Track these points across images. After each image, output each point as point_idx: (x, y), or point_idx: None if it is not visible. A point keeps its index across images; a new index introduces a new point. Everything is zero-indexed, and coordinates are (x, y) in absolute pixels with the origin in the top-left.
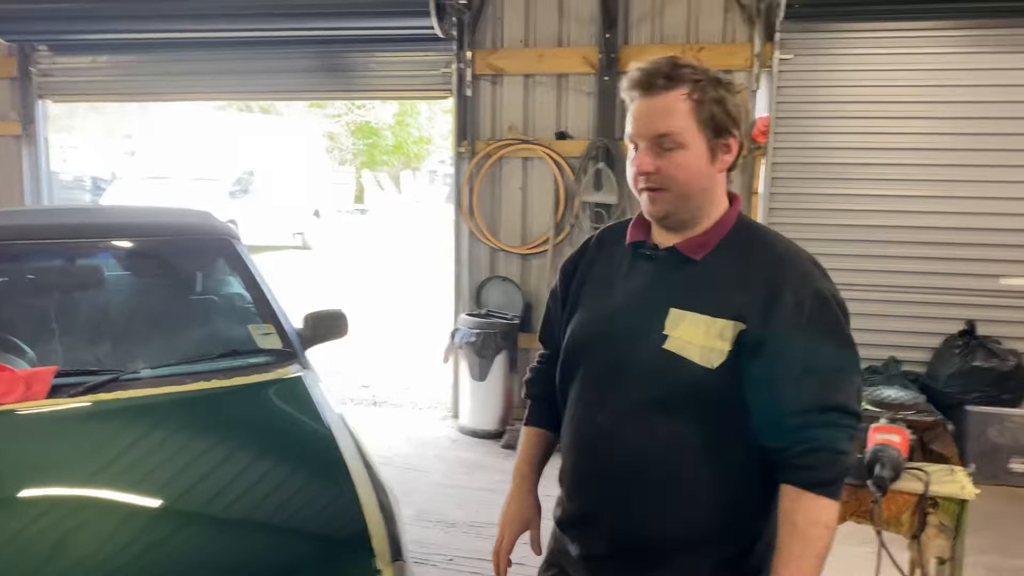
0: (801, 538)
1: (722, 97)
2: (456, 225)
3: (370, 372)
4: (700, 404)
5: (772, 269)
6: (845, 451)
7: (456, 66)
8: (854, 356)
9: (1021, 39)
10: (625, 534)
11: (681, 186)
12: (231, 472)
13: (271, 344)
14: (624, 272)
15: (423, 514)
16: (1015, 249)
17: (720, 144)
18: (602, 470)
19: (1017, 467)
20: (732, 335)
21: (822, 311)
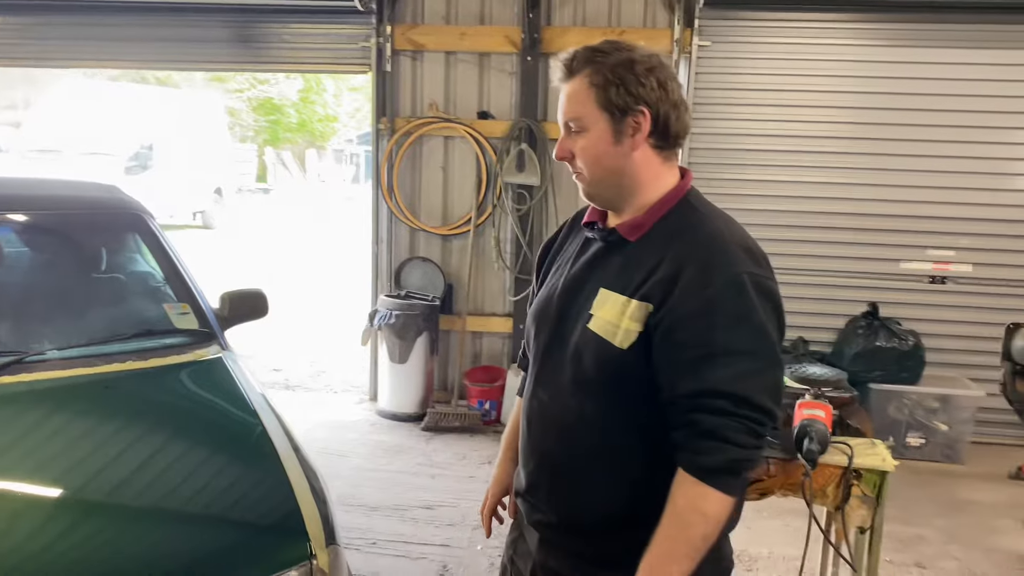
0: (677, 521)
1: (622, 77)
2: (375, 204)
3: (281, 355)
4: (618, 384)
5: (688, 250)
6: (737, 443)
7: (375, 40)
8: (767, 348)
9: (928, 34)
10: (560, 506)
11: (589, 169)
12: (153, 458)
13: (188, 324)
14: (576, 252)
15: (344, 498)
16: (915, 235)
17: (626, 124)
18: (540, 444)
19: (914, 441)
20: (642, 316)
21: (732, 296)
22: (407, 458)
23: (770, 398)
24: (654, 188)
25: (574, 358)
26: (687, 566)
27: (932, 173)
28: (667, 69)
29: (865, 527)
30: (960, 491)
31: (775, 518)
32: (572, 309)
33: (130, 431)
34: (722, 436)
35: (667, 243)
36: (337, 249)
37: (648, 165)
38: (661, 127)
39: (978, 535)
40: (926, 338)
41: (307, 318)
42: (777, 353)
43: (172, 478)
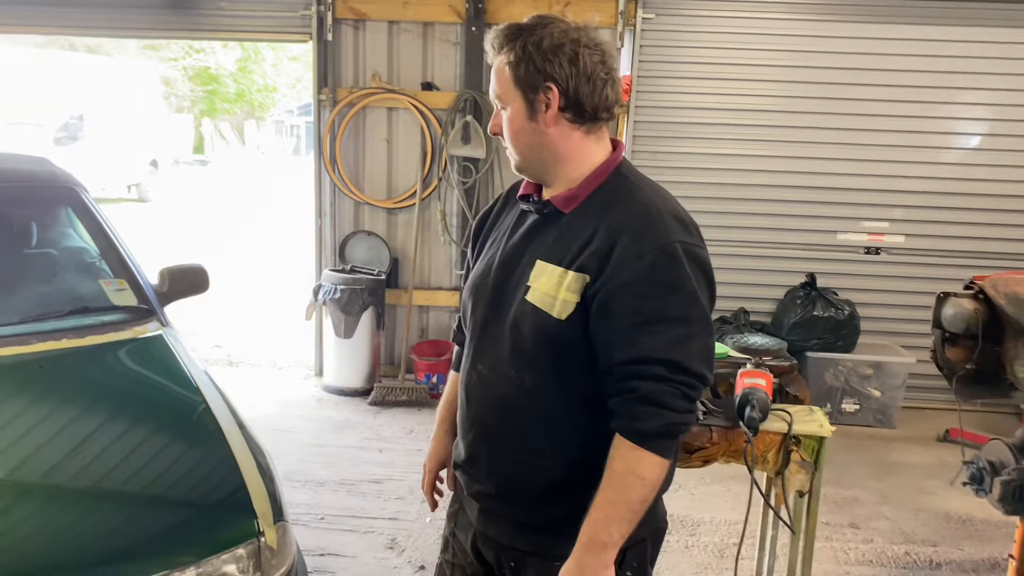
0: (616, 484)
1: (531, 55)
2: (317, 176)
3: (224, 331)
4: (557, 355)
5: (621, 220)
6: (672, 407)
7: (316, 8)
8: (699, 314)
9: (865, 10)
10: (499, 476)
11: (512, 144)
12: (92, 439)
13: (125, 301)
14: (512, 225)
15: (291, 475)
16: (851, 207)
17: (537, 100)
18: (480, 416)
19: (849, 407)
20: (579, 287)
21: (667, 264)
22: (354, 433)
23: (703, 363)
24: (581, 161)
25: (513, 330)
26: (626, 528)
27: (868, 147)
28: (581, 44)
29: (804, 491)
30: (892, 454)
31: (717, 483)
32: (510, 281)
33: (67, 411)
34: (658, 401)
35: (600, 214)
36: (279, 222)
37: (567, 139)
38: (573, 102)
39: (908, 496)
40: (861, 307)
41: (250, 293)
42: (709, 319)
43: (112, 458)
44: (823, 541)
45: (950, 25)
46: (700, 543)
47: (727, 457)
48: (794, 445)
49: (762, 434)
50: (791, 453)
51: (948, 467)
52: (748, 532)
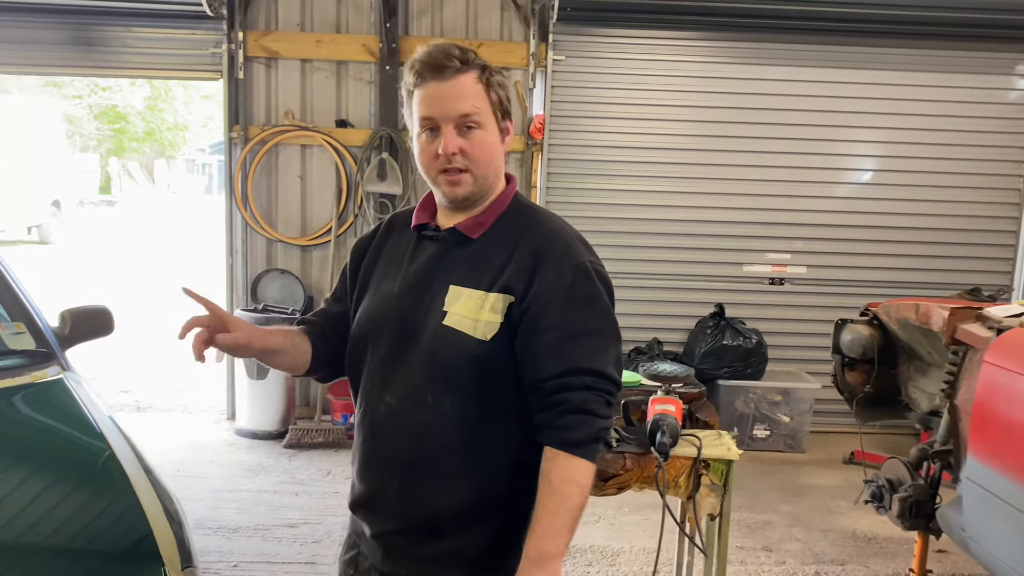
0: (556, 495)
1: (503, 83)
2: (228, 215)
3: (130, 376)
4: (479, 377)
5: (538, 243)
6: (598, 414)
7: (227, 47)
8: (612, 326)
9: (763, 53)
10: (412, 509)
11: (482, 166)
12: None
13: (23, 344)
14: (409, 255)
15: (202, 521)
16: (756, 240)
17: (504, 126)
18: (389, 449)
19: (760, 433)
20: (502, 307)
21: (583, 282)
22: (269, 477)
23: (618, 370)
24: (497, 188)
25: (428, 356)
26: (568, 537)
27: (770, 182)
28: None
29: (715, 514)
30: (802, 477)
31: (635, 513)
32: (418, 309)
33: None
34: (588, 409)
35: (513, 238)
36: (190, 263)
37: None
38: None
39: (818, 517)
40: (768, 336)
41: (158, 336)
42: (618, 330)
43: (11, 510)
44: (738, 565)
45: (843, 68)
46: (620, 572)
47: (641, 483)
48: (704, 469)
49: (673, 459)
50: (701, 477)
51: (854, 488)
52: (666, 559)
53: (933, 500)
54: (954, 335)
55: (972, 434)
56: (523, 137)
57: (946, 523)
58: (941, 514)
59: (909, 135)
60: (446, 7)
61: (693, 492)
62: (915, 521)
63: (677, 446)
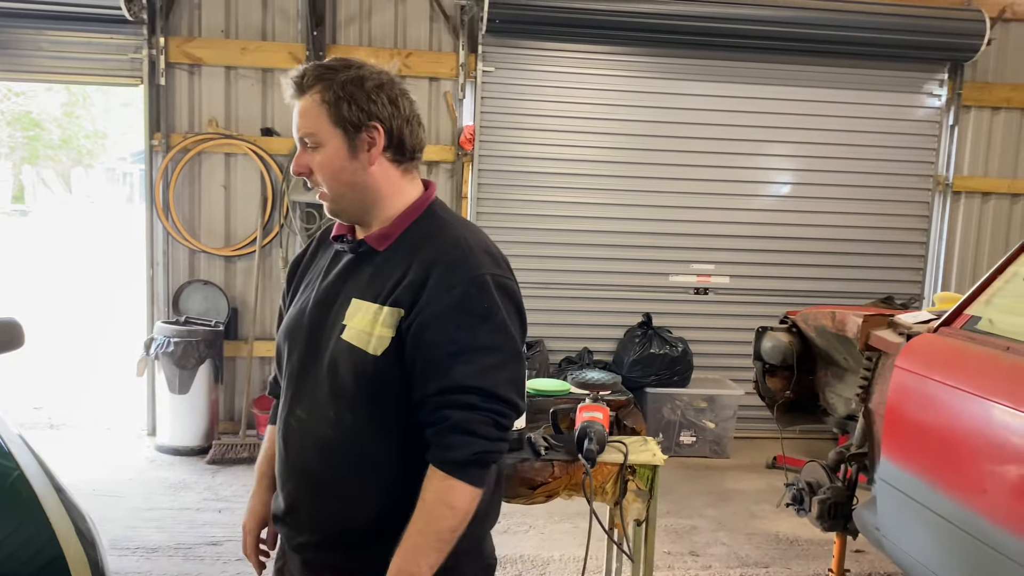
0: (425, 514)
1: (353, 93)
2: (149, 224)
3: (43, 392)
4: (374, 392)
5: (433, 254)
6: (481, 435)
7: (147, 52)
8: (509, 343)
9: (685, 68)
10: (324, 523)
11: (328, 183)
12: None
13: None
14: (326, 267)
15: (119, 541)
16: (681, 251)
17: (360, 139)
18: (300, 463)
19: (686, 440)
20: (393, 321)
21: (476, 296)
22: (191, 494)
23: (514, 390)
24: (397, 200)
25: (330, 370)
26: (435, 559)
27: (692, 195)
28: (398, 86)
29: (641, 519)
30: (727, 482)
31: (565, 521)
32: (326, 322)
33: None
34: (468, 429)
35: (414, 250)
36: (109, 274)
37: (387, 178)
38: (396, 141)
39: (742, 521)
40: (693, 344)
41: (75, 350)
42: (519, 348)
43: None
44: (665, 570)
45: (762, 84)
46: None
47: (569, 491)
48: (630, 475)
49: (600, 466)
50: (628, 483)
51: (777, 492)
52: (595, 567)
53: (850, 502)
54: (867, 341)
55: (885, 437)
56: (453, 147)
57: (862, 523)
58: (857, 515)
59: (825, 149)
60: (374, 16)
61: (620, 498)
62: (833, 522)
63: (604, 452)
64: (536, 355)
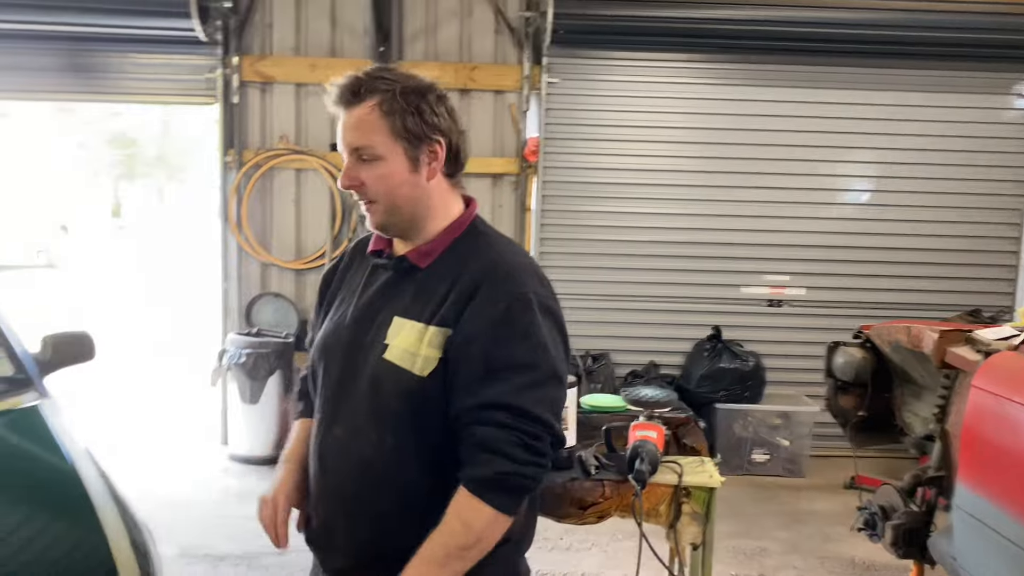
0: (443, 527)
1: (418, 106)
2: (223, 239)
3: (130, 400)
4: (418, 413)
5: (478, 272)
6: (509, 455)
7: (222, 72)
8: (548, 363)
9: (760, 74)
10: (360, 546)
11: (384, 197)
12: None
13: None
14: (363, 282)
15: (188, 550)
16: (754, 261)
17: (421, 152)
18: (337, 483)
19: (758, 458)
20: (440, 341)
21: (518, 314)
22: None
23: (549, 411)
24: (443, 215)
25: (372, 390)
26: (440, 574)
27: (768, 204)
28: (447, 98)
29: (697, 544)
30: (801, 503)
31: (628, 540)
32: (364, 339)
33: None
34: (493, 447)
35: (458, 268)
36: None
37: (440, 193)
38: (454, 155)
39: (816, 544)
40: (766, 358)
41: (159, 359)
42: (558, 369)
43: None
44: None
45: (841, 88)
46: None
47: (621, 512)
48: (685, 497)
49: (653, 487)
50: (682, 505)
51: (854, 513)
52: None
53: (927, 527)
54: (944, 358)
55: (961, 460)
56: (517, 160)
57: (937, 552)
58: (932, 542)
59: (908, 155)
60: (440, 31)
61: (674, 521)
62: (908, 549)
63: (657, 474)
64: (601, 368)
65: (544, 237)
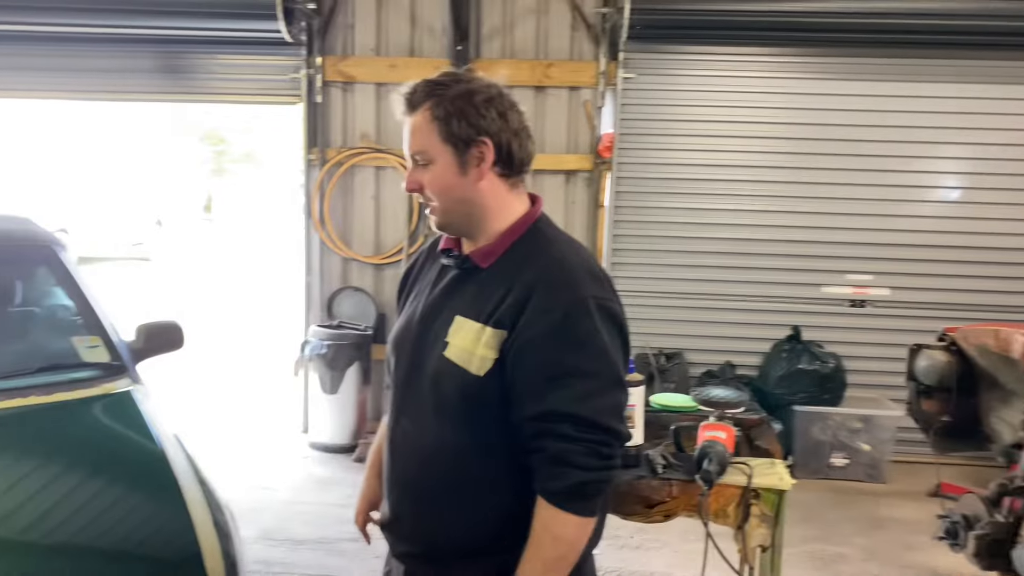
0: (534, 542)
1: (462, 109)
2: (306, 234)
3: (215, 388)
4: (475, 411)
5: (536, 274)
6: (581, 466)
7: (305, 71)
8: (608, 369)
9: (843, 67)
10: (423, 536)
11: (439, 199)
12: (51, 495)
13: (97, 357)
14: (433, 280)
15: (269, 533)
16: (836, 260)
17: (469, 155)
18: (403, 474)
19: (837, 462)
20: (497, 343)
21: (577, 319)
22: (338, 490)
23: (613, 417)
24: (503, 216)
25: (433, 385)
26: None
27: (851, 201)
28: (506, 99)
29: (766, 546)
30: (881, 509)
31: (699, 541)
32: (429, 336)
33: (24, 468)
34: (567, 460)
35: (517, 269)
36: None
37: (495, 193)
38: (504, 156)
39: (896, 552)
40: (847, 360)
41: (244, 348)
42: (618, 374)
43: (65, 513)
44: None
45: (927, 82)
46: None
47: (688, 511)
48: (754, 499)
49: (721, 488)
50: (751, 507)
51: (936, 523)
52: None
53: (1013, 539)
54: None
55: None
56: (591, 156)
57: (1021, 564)
58: (1018, 555)
59: (999, 151)
60: (516, 29)
61: (742, 522)
62: (992, 561)
63: (726, 475)
64: (675, 368)
65: (617, 234)
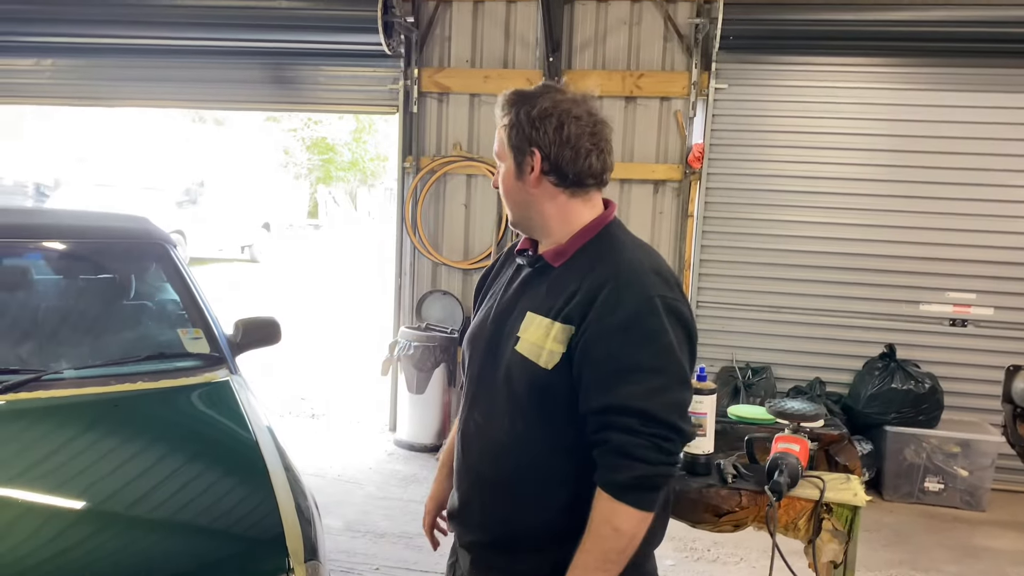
0: (592, 534)
1: (521, 121)
2: (399, 239)
3: (310, 384)
4: (545, 404)
5: (605, 273)
6: (643, 459)
7: (403, 83)
8: (674, 366)
9: (943, 77)
10: (491, 525)
11: (504, 198)
12: (148, 473)
13: (199, 348)
14: (508, 280)
15: (352, 525)
16: (935, 277)
17: (524, 162)
18: (474, 465)
19: (931, 486)
20: (565, 338)
21: (647, 316)
22: (420, 488)
23: (677, 414)
24: (566, 221)
25: (506, 379)
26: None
27: (952, 216)
28: (571, 115)
29: (837, 562)
30: (977, 538)
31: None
32: (503, 332)
33: (130, 447)
34: (630, 454)
35: (587, 268)
36: (374, 281)
37: (552, 200)
38: (554, 167)
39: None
40: (945, 381)
41: (338, 348)
42: (684, 372)
43: (164, 491)
44: None
45: None
46: None
47: (758, 522)
48: (826, 513)
49: (793, 501)
50: (823, 521)
51: None
52: None
53: None
54: None
55: None
56: (681, 166)
57: None
58: None
59: None
60: (609, 39)
61: (813, 537)
62: None
63: (798, 488)
64: (761, 382)
65: (706, 244)
